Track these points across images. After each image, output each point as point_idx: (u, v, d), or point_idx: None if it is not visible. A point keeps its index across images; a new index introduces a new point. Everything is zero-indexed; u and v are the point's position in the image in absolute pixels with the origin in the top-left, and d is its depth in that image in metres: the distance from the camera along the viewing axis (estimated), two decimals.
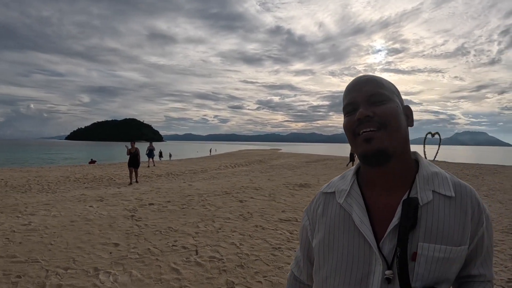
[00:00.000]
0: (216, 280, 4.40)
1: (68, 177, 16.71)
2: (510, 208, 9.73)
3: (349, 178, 1.10)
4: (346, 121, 1.03)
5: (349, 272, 0.96)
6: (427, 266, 0.90)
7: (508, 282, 4.49)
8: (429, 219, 0.94)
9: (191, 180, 16.39)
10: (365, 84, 1.01)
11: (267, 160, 36.75)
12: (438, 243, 0.92)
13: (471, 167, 26.29)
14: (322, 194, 1.15)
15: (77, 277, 4.35)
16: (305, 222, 1.18)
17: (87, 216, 7.71)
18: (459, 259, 0.95)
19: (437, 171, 1.03)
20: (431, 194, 0.97)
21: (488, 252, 1.04)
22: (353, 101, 1.01)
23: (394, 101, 1.01)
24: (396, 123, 0.97)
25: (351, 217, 1.00)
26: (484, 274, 1.04)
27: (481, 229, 0.99)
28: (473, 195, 1.00)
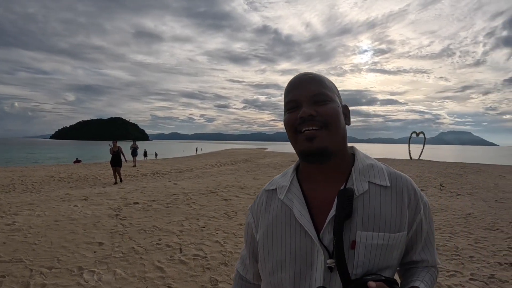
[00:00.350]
0: (200, 277, 4.50)
1: (52, 176, 16.59)
2: (493, 206, 9.96)
3: (289, 174, 1.14)
4: (287, 118, 1.06)
5: (293, 263, 1.00)
6: (366, 254, 0.95)
7: (490, 277, 4.64)
8: (366, 208, 0.99)
9: (177, 179, 16.40)
10: (309, 83, 1.05)
11: (253, 159, 36.75)
12: (376, 231, 0.97)
13: (455, 166, 26.66)
14: (264, 191, 1.20)
15: (61, 276, 4.40)
16: (250, 220, 1.22)
17: (72, 215, 7.72)
18: (398, 246, 1.00)
19: (372, 163, 1.10)
20: (367, 184, 1.03)
21: (429, 238, 1.11)
22: (296, 99, 1.04)
23: (335, 101, 1.06)
24: (337, 122, 1.02)
25: (292, 212, 1.05)
26: (426, 260, 1.11)
27: (419, 216, 1.05)
28: (409, 183, 1.06)
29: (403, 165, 27.47)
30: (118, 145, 16.24)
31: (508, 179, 17.27)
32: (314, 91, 1.03)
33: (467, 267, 5.04)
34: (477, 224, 7.66)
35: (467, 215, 8.64)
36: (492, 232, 7.03)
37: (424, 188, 13.96)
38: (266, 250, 1.08)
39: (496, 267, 5.06)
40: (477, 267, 5.02)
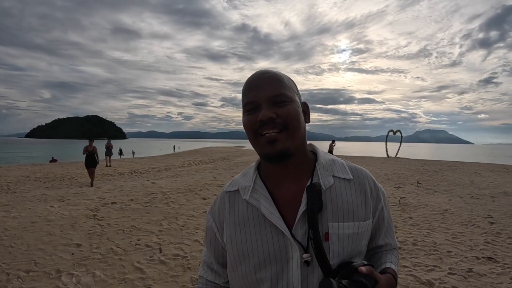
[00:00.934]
0: (180, 278, 4.46)
1: (28, 176, 16.23)
2: (469, 202, 10.22)
3: (251, 174, 1.14)
4: (247, 120, 1.04)
5: (268, 263, 1.00)
6: (340, 243, 0.98)
7: (468, 271, 4.75)
8: (334, 201, 1.02)
9: (155, 178, 16.29)
10: (268, 83, 1.03)
11: (231, 157, 36.79)
12: (346, 221, 1.01)
13: (431, 164, 27.18)
14: (225, 193, 1.17)
15: (39, 280, 4.31)
16: (210, 223, 1.18)
17: (48, 216, 7.58)
18: (366, 233, 1.06)
19: (333, 159, 1.14)
20: (332, 178, 1.06)
21: (389, 223, 1.18)
22: (255, 100, 1.02)
23: (295, 101, 1.04)
24: (297, 123, 1.02)
25: (259, 211, 1.04)
26: (389, 243, 1.18)
27: (380, 204, 1.12)
28: (369, 176, 1.13)
29: (380, 163, 27.85)
30: (94, 145, 14.91)
31: (483, 176, 17.68)
32: (273, 92, 1.01)
33: (446, 261, 5.15)
34: (454, 220, 7.82)
35: (444, 211, 8.83)
36: (469, 227, 7.20)
37: (401, 185, 14.20)
38: (237, 253, 1.06)
39: (474, 261, 5.18)
40: (455, 262, 5.14)
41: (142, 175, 17.97)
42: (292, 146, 1.00)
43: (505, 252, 5.61)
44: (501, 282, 4.42)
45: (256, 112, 1.02)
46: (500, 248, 5.79)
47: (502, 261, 5.17)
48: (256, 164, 1.18)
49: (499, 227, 7.17)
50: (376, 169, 21.56)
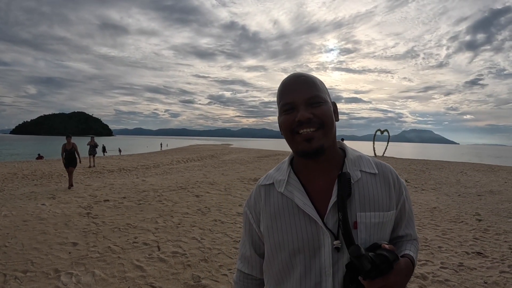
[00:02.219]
0: (181, 275, 4.50)
1: (15, 173, 16.02)
2: (456, 200, 10.46)
3: (284, 168, 1.23)
4: (284, 120, 1.14)
5: (302, 250, 1.10)
6: (367, 231, 1.08)
7: (459, 265, 4.92)
8: (361, 192, 1.12)
9: (144, 176, 16.27)
10: (303, 86, 1.12)
11: (219, 155, 36.93)
12: (373, 211, 1.11)
13: (418, 163, 27.54)
14: (261, 186, 1.27)
15: (38, 280, 4.28)
16: (248, 215, 1.30)
17: (40, 215, 7.53)
18: (390, 222, 1.16)
19: (360, 155, 1.24)
20: (359, 173, 1.16)
21: (410, 215, 1.27)
22: (292, 101, 1.11)
23: (328, 101, 1.15)
24: (331, 122, 1.13)
25: (293, 202, 1.14)
26: (410, 234, 1.26)
27: (402, 197, 1.21)
28: (392, 170, 1.22)
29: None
30: (73, 142, 13.24)
31: (469, 176, 17.99)
32: (309, 94, 1.11)
33: (437, 256, 5.31)
34: (442, 217, 8.01)
35: (433, 208, 9.04)
36: (457, 224, 7.39)
37: None
38: (273, 241, 1.16)
39: (464, 256, 5.36)
40: (446, 256, 5.30)
41: (131, 173, 17.93)
42: (327, 143, 1.11)
43: (493, 247, 5.79)
44: (490, 275, 4.59)
45: (293, 112, 1.11)
46: (488, 244, 5.98)
47: (491, 256, 5.36)
48: (289, 159, 1.26)
49: (487, 224, 7.39)
50: None
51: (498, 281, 4.42)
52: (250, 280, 1.35)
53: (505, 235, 6.51)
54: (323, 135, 1.10)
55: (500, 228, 7.07)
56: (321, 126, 1.09)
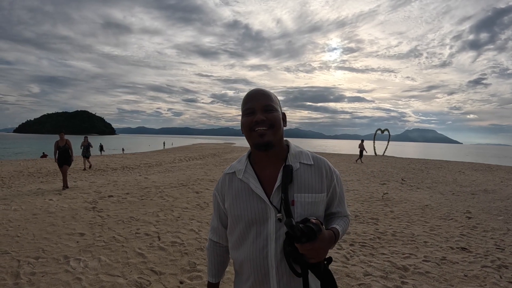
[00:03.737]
0: (179, 261, 4.86)
1: (21, 171, 16.35)
2: (449, 199, 10.68)
3: (243, 160, 1.62)
4: (246, 120, 1.50)
5: (254, 222, 1.47)
6: (302, 208, 1.44)
7: (442, 259, 5.15)
8: (299, 179, 1.48)
9: (147, 173, 16.53)
10: (261, 97, 1.50)
11: (221, 154, 37.07)
12: (307, 192, 1.47)
13: (417, 162, 27.61)
14: (226, 174, 1.66)
15: (49, 265, 4.63)
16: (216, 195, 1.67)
17: (48, 209, 7.89)
18: (322, 202, 1.51)
19: (301, 150, 1.60)
20: (298, 164, 1.52)
21: (341, 197, 1.64)
22: (252, 107, 1.49)
23: (278, 110, 1.53)
24: (279, 125, 1.50)
25: (249, 186, 1.51)
26: (340, 211, 1.64)
27: (333, 183, 1.57)
28: (326, 163, 1.57)
29: (367, 160, 28.28)
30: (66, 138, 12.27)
31: (466, 175, 18.11)
32: (265, 103, 1.49)
33: (421, 250, 5.55)
34: (433, 214, 8.24)
35: (425, 206, 9.26)
36: (446, 221, 7.61)
37: (386, 182, 14.61)
38: (234, 215, 1.53)
39: (448, 251, 5.58)
40: (430, 251, 5.53)
41: (134, 171, 18.19)
42: (274, 139, 1.47)
43: (479, 243, 5.98)
44: (472, 269, 4.78)
45: (252, 115, 1.48)
46: (474, 240, 6.17)
47: (475, 251, 5.55)
48: (247, 153, 1.67)
49: (476, 222, 7.58)
50: (363, 167, 21.97)
51: (479, 274, 4.58)
52: (217, 247, 1.74)
53: (492, 232, 6.70)
54: (272, 133, 1.46)
55: (489, 225, 7.26)
56: (271, 127, 1.46)
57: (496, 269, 4.83)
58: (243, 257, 1.50)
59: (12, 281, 4.12)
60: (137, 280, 4.20)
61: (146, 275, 4.38)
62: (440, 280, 4.42)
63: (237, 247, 1.55)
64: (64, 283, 4.08)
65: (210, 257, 1.78)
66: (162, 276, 4.36)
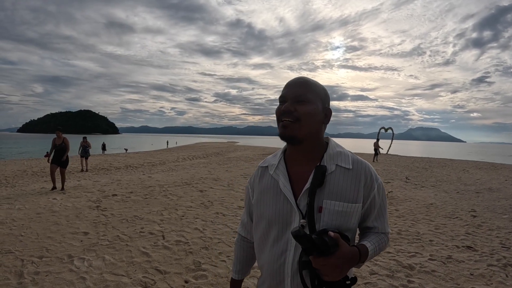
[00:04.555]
0: (184, 260, 4.83)
1: (25, 171, 16.38)
2: (454, 197, 10.66)
3: (278, 155, 1.48)
4: (277, 108, 1.37)
5: (277, 222, 1.35)
6: (329, 216, 1.27)
7: (447, 258, 5.13)
8: (332, 183, 1.30)
9: (150, 172, 16.54)
10: (298, 86, 1.34)
11: (224, 153, 37.13)
12: (338, 200, 1.29)
13: (421, 161, 27.60)
14: (259, 167, 1.54)
15: (53, 264, 4.61)
16: (248, 190, 1.58)
17: (52, 208, 7.87)
18: (355, 213, 1.32)
19: (341, 151, 1.41)
20: (334, 166, 1.34)
21: (381, 210, 1.43)
22: (285, 95, 1.35)
23: (314, 103, 1.34)
24: (309, 119, 1.32)
25: (278, 184, 1.38)
26: (377, 227, 1.43)
27: (373, 193, 1.36)
28: (367, 169, 1.37)
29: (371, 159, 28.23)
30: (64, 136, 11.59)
31: (471, 173, 18.09)
32: (298, 93, 1.32)
33: (427, 249, 5.53)
34: (438, 213, 8.23)
35: (429, 204, 9.25)
36: (451, 219, 7.60)
37: (390, 180, 14.58)
38: (258, 212, 1.44)
39: (454, 249, 5.55)
40: (436, 249, 5.51)
41: (138, 170, 18.21)
42: (299, 135, 1.31)
43: (484, 242, 5.96)
44: (478, 268, 4.76)
45: (283, 104, 1.35)
46: (480, 239, 6.14)
47: (480, 250, 5.52)
48: (284, 148, 1.50)
49: (481, 220, 7.56)
50: None
51: (485, 273, 4.56)
52: (244, 242, 1.66)
53: (497, 231, 6.67)
54: (297, 127, 1.30)
55: (494, 224, 7.24)
56: (297, 120, 1.30)
57: (502, 267, 4.80)
58: (263, 259, 1.42)
59: (15, 281, 4.10)
60: (141, 279, 4.18)
61: (150, 274, 4.35)
62: (446, 279, 4.40)
63: (258, 247, 1.46)
64: (68, 283, 4.06)
65: (236, 252, 1.71)
66: (166, 275, 4.34)
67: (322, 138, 1.44)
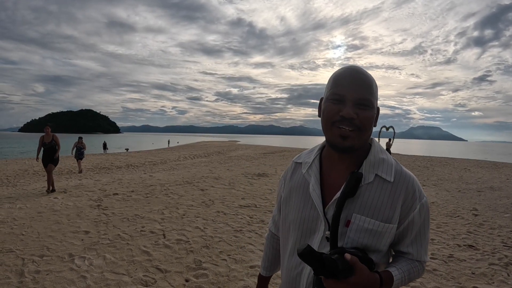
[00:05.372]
0: (184, 259, 4.83)
1: (26, 170, 16.38)
2: (455, 196, 10.65)
3: (314, 152, 1.32)
4: (329, 108, 1.14)
5: (300, 227, 1.22)
6: (357, 233, 1.11)
7: (449, 257, 5.12)
8: (366, 196, 1.13)
9: (152, 171, 16.52)
10: (361, 86, 1.12)
11: (226, 152, 37.10)
12: (369, 217, 1.12)
13: (422, 159, 27.59)
14: (293, 162, 1.40)
15: (53, 263, 4.61)
16: (281, 184, 1.43)
17: (53, 207, 7.88)
18: (387, 235, 1.14)
19: (384, 158, 1.20)
20: (373, 176, 1.15)
21: (420, 235, 1.21)
22: (343, 94, 1.11)
23: (374, 107, 1.15)
24: (369, 127, 1.14)
25: (309, 185, 1.24)
26: (412, 253, 1.21)
27: (412, 214, 1.16)
28: (411, 184, 1.16)
29: None
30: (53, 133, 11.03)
31: (472, 172, 18.07)
32: (361, 95, 1.11)
33: (428, 248, 5.49)
34: (439, 212, 8.21)
35: (431, 203, 9.23)
36: (453, 218, 7.59)
37: None
38: (284, 212, 1.33)
39: (455, 248, 5.55)
40: (437, 248, 5.51)
41: (139, 169, 18.19)
42: (358, 144, 1.13)
43: (486, 241, 5.96)
44: (479, 267, 4.76)
45: (339, 104, 1.12)
46: (481, 238, 6.14)
47: (482, 249, 5.52)
48: (322, 145, 1.33)
49: (482, 219, 7.56)
50: None
51: (486, 272, 4.57)
52: (274, 239, 1.57)
53: (499, 230, 6.67)
54: (357, 136, 1.11)
55: (495, 222, 7.24)
56: (358, 129, 1.10)
57: (504, 266, 4.81)
58: (282, 264, 1.32)
59: (16, 279, 4.10)
60: (142, 278, 4.18)
61: (151, 273, 4.35)
62: (447, 277, 4.40)
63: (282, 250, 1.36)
64: (69, 281, 4.06)
65: (265, 249, 1.61)
66: (167, 274, 4.33)
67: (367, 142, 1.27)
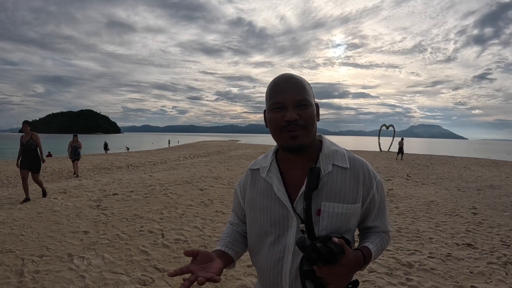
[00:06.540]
0: (182, 259, 4.85)
1: None
2: (454, 194, 10.64)
3: (269, 157, 1.38)
4: (274, 117, 1.22)
5: (273, 228, 1.27)
6: (329, 219, 1.20)
7: (447, 256, 5.13)
8: (329, 184, 1.22)
9: (152, 171, 16.52)
10: (294, 89, 1.20)
11: (226, 151, 37.08)
12: (337, 202, 1.21)
13: (422, 158, 27.60)
14: (249, 170, 1.44)
15: (53, 263, 4.63)
16: (238, 192, 1.48)
17: (53, 207, 7.89)
18: (355, 214, 1.25)
19: (336, 149, 1.32)
20: (331, 166, 1.25)
21: (380, 209, 1.36)
22: (282, 101, 1.19)
23: (313, 105, 1.24)
24: (313, 123, 1.22)
25: (272, 187, 1.29)
26: (378, 226, 1.36)
27: (372, 191, 1.29)
28: (364, 166, 1.30)
29: (372, 156, 28.24)
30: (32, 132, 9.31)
31: (472, 170, 18.08)
32: (298, 97, 1.19)
33: (427, 247, 5.52)
34: (438, 210, 8.22)
35: (430, 202, 9.24)
36: (452, 217, 7.59)
37: (391, 178, 14.56)
38: (252, 217, 1.35)
39: (454, 247, 5.55)
40: (435, 247, 5.51)
41: (139, 169, 18.20)
42: (308, 141, 1.21)
43: (485, 240, 5.96)
44: (477, 266, 4.76)
45: (281, 111, 1.20)
46: (480, 236, 6.15)
47: (480, 248, 5.53)
48: (275, 149, 1.40)
49: (482, 218, 7.57)
50: None
51: (484, 271, 4.57)
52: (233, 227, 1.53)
53: (498, 228, 6.68)
54: (305, 134, 1.19)
55: (495, 221, 7.24)
56: (304, 127, 1.19)
57: (502, 265, 4.81)
58: (259, 265, 1.34)
59: (16, 279, 4.12)
60: (140, 277, 4.20)
61: (149, 272, 4.37)
62: (445, 276, 4.40)
63: (254, 252, 1.38)
64: (68, 281, 4.08)
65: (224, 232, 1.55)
66: (165, 273, 4.35)
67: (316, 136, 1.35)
